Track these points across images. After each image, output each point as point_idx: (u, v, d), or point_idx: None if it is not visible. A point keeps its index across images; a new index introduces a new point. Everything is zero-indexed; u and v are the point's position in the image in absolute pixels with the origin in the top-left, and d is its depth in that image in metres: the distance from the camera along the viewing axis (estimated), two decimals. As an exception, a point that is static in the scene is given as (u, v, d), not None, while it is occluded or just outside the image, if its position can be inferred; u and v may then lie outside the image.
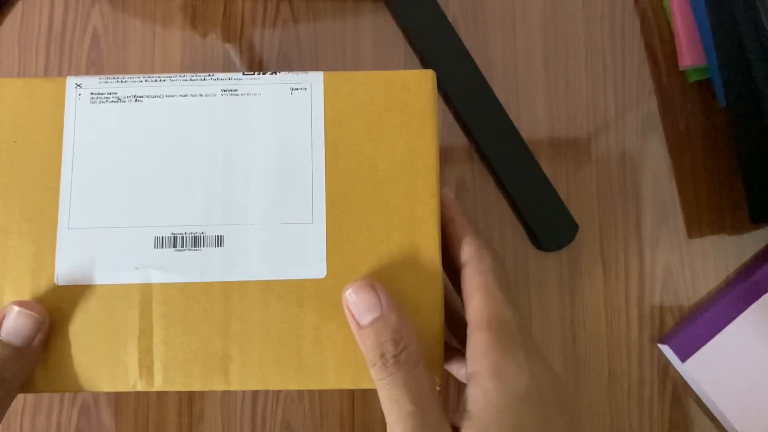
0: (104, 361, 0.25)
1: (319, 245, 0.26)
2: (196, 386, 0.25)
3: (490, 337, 0.24)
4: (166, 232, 0.26)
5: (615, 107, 0.42)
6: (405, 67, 0.42)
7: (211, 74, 0.28)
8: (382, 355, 0.24)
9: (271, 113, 0.27)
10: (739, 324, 0.38)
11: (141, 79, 0.27)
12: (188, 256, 0.26)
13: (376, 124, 0.27)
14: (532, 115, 0.42)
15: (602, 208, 0.41)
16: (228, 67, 0.42)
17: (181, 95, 0.27)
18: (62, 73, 0.41)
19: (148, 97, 0.27)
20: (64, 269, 0.26)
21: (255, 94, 0.27)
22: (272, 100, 0.27)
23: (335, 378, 0.25)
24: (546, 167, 0.41)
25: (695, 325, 0.38)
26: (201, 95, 0.27)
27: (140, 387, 0.25)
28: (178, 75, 0.28)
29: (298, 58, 0.42)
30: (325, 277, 0.26)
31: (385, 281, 0.26)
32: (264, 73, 0.28)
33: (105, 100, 0.27)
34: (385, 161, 0.27)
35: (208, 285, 0.26)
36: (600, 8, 0.43)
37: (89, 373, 0.25)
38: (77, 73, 0.41)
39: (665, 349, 0.39)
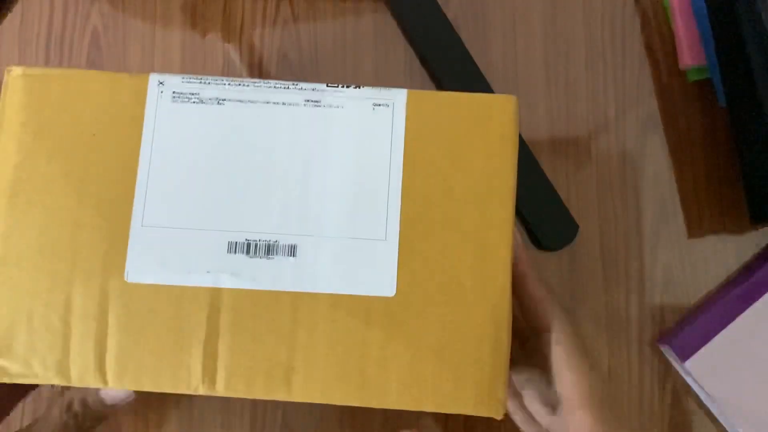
0: (168, 361, 0.25)
1: (391, 263, 0.26)
2: (258, 394, 0.25)
3: (592, 417, 0.26)
4: (240, 238, 0.26)
5: (615, 107, 0.42)
6: (405, 67, 0.42)
7: (294, 83, 0.27)
8: None
9: (352, 127, 0.27)
10: (739, 324, 0.38)
11: (224, 82, 0.27)
12: (260, 263, 0.26)
13: (455, 146, 0.27)
14: (532, 115, 0.42)
15: (602, 208, 0.41)
16: (228, 67, 0.42)
17: (263, 102, 0.27)
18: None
19: (230, 101, 0.27)
20: (135, 267, 0.26)
21: (337, 107, 0.27)
22: (354, 114, 0.27)
23: (398, 398, 0.25)
24: (546, 167, 0.41)
25: (695, 325, 0.38)
26: (284, 103, 0.27)
27: (202, 390, 0.25)
28: (262, 81, 0.27)
29: (298, 58, 0.42)
30: (394, 296, 0.26)
31: (453, 305, 0.26)
32: (348, 87, 0.27)
33: (187, 100, 0.27)
34: (462, 184, 0.27)
35: (278, 294, 0.26)
36: (600, 8, 0.43)
37: (152, 372, 0.25)
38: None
39: (665, 349, 0.39)
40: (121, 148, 0.27)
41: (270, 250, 0.26)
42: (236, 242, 0.26)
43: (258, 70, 0.42)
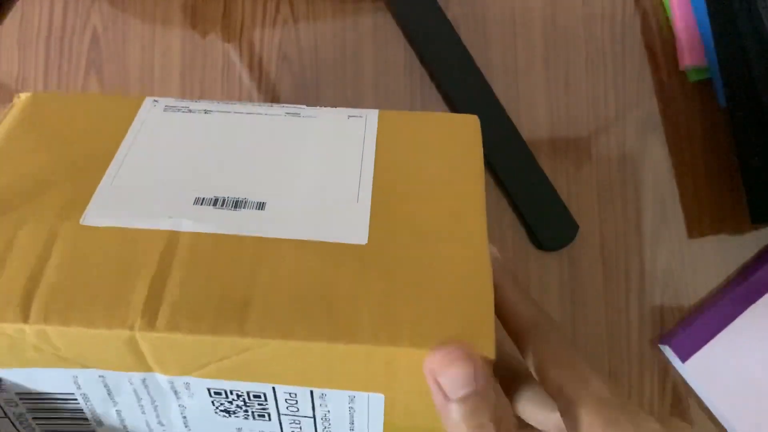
0: (106, 297, 0.22)
1: (363, 218, 0.25)
2: (204, 331, 0.22)
3: (590, 414, 0.22)
4: (209, 194, 0.26)
5: (615, 107, 0.42)
6: (405, 67, 0.42)
7: (277, 104, 0.30)
8: None
9: (328, 128, 0.29)
10: (739, 324, 0.38)
11: (213, 102, 0.30)
12: (226, 213, 0.25)
13: (425, 144, 0.28)
14: (532, 115, 0.42)
15: (602, 208, 0.41)
16: (228, 67, 0.42)
17: (247, 113, 0.29)
18: (62, 73, 0.41)
19: (217, 111, 0.29)
20: (93, 211, 0.25)
21: (315, 117, 0.29)
22: (330, 121, 0.29)
23: (371, 334, 0.22)
24: (546, 167, 0.41)
25: (695, 326, 0.38)
26: (266, 114, 0.29)
27: (138, 327, 0.22)
28: (248, 103, 0.31)
29: (298, 58, 0.42)
30: (366, 244, 0.24)
31: (430, 254, 0.24)
32: (324, 107, 0.31)
33: (177, 110, 0.29)
34: (434, 165, 0.27)
35: (242, 238, 0.24)
36: (600, 8, 0.43)
37: (84, 308, 0.22)
38: (76, 73, 0.41)
39: (665, 349, 0.39)
40: (107, 134, 0.28)
41: (238, 204, 0.25)
42: (204, 197, 0.25)
43: (258, 70, 0.42)
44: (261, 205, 0.25)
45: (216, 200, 0.25)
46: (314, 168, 0.27)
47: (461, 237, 0.25)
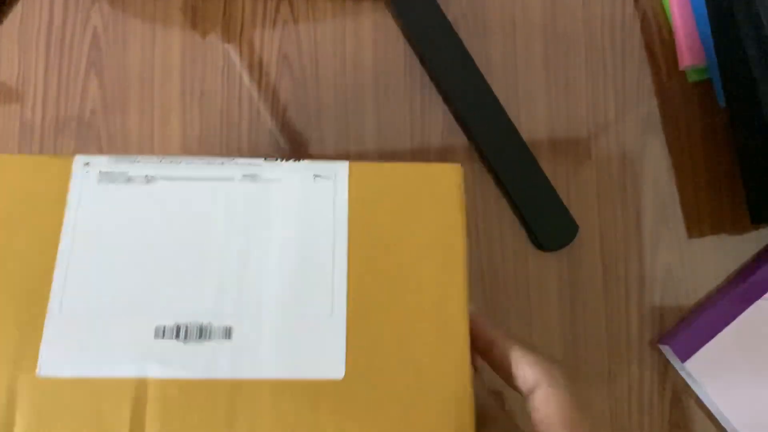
0: None
1: (338, 341, 0.24)
2: None
3: None
4: (169, 322, 0.24)
5: (615, 107, 0.42)
6: (405, 67, 0.42)
7: (231, 158, 0.26)
8: None
9: (292, 201, 0.26)
10: (739, 324, 0.38)
11: (156, 159, 0.26)
12: (192, 349, 0.24)
13: (401, 215, 0.26)
14: (532, 115, 0.42)
15: (602, 208, 0.41)
16: (228, 67, 0.42)
17: (197, 178, 0.26)
18: (62, 73, 0.41)
19: (161, 178, 0.26)
20: (49, 359, 0.23)
21: (276, 180, 0.26)
22: (294, 187, 0.26)
23: None
24: (546, 167, 0.41)
25: (695, 325, 0.38)
26: (219, 179, 0.26)
27: None
28: (196, 157, 0.27)
29: (298, 58, 0.42)
30: (343, 378, 0.24)
31: (409, 383, 0.24)
32: (286, 160, 0.27)
33: (114, 180, 0.26)
34: (411, 254, 0.25)
35: (213, 382, 0.23)
36: (600, 8, 0.43)
37: None
38: (76, 73, 0.41)
39: (665, 349, 0.39)
40: (41, 232, 0.25)
41: (203, 333, 0.24)
42: (164, 326, 0.24)
43: (258, 70, 0.42)
44: (227, 332, 0.24)
45: (178, 329, 0.24)
46: (281, 267, 0.25)
47: (444, 359, 0.24)
